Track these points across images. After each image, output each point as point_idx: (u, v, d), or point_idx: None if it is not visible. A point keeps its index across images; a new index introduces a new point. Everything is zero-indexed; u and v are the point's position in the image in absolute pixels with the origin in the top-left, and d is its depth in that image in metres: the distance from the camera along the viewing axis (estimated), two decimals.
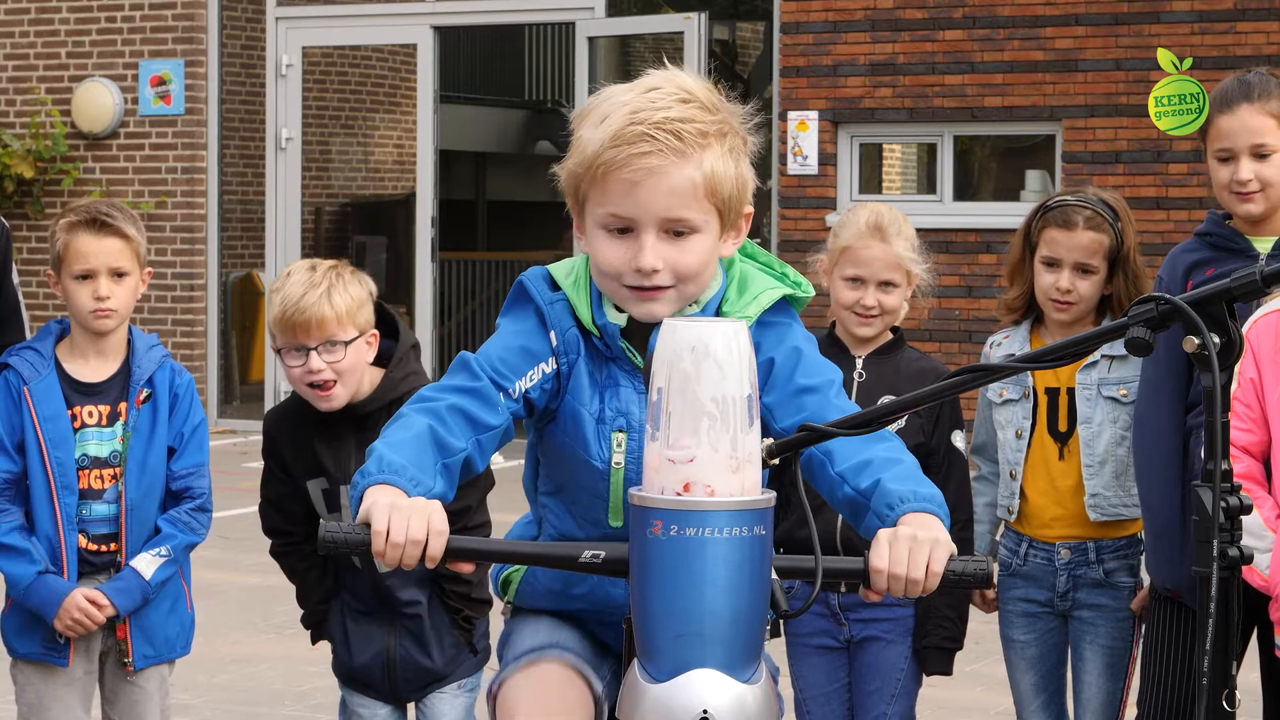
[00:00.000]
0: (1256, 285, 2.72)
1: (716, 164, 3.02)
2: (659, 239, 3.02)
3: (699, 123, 3.01)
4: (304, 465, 4.59)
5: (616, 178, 3.01)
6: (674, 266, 3.03)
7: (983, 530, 4.93)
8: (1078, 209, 4.80)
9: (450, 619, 4.64)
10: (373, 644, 4.67)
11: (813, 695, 4.83)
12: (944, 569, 2.79)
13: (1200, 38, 12.45)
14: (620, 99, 3.05)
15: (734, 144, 3.06)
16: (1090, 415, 4.75)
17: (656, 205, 3.01)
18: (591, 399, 3.11)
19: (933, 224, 12.84)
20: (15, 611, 4.82)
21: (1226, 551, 2.69)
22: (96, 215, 4.78)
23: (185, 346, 15.26)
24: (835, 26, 13.47)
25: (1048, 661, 4.88)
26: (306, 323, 4.46)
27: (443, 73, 15.60)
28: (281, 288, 4.51)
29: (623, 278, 3.05)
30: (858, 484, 2.95)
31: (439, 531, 2.81)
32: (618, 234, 3.05)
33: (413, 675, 4.68)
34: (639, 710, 2.71)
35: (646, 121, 2.99)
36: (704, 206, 3.03)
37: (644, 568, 2.69)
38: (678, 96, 3.03)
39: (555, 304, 3.13)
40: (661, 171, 2.99)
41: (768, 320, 3.13)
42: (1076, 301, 4.77)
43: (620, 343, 3.10)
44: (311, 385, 4.49)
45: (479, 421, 3.02)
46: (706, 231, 3.05)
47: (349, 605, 4.70)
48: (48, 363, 4.77)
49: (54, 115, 15.42)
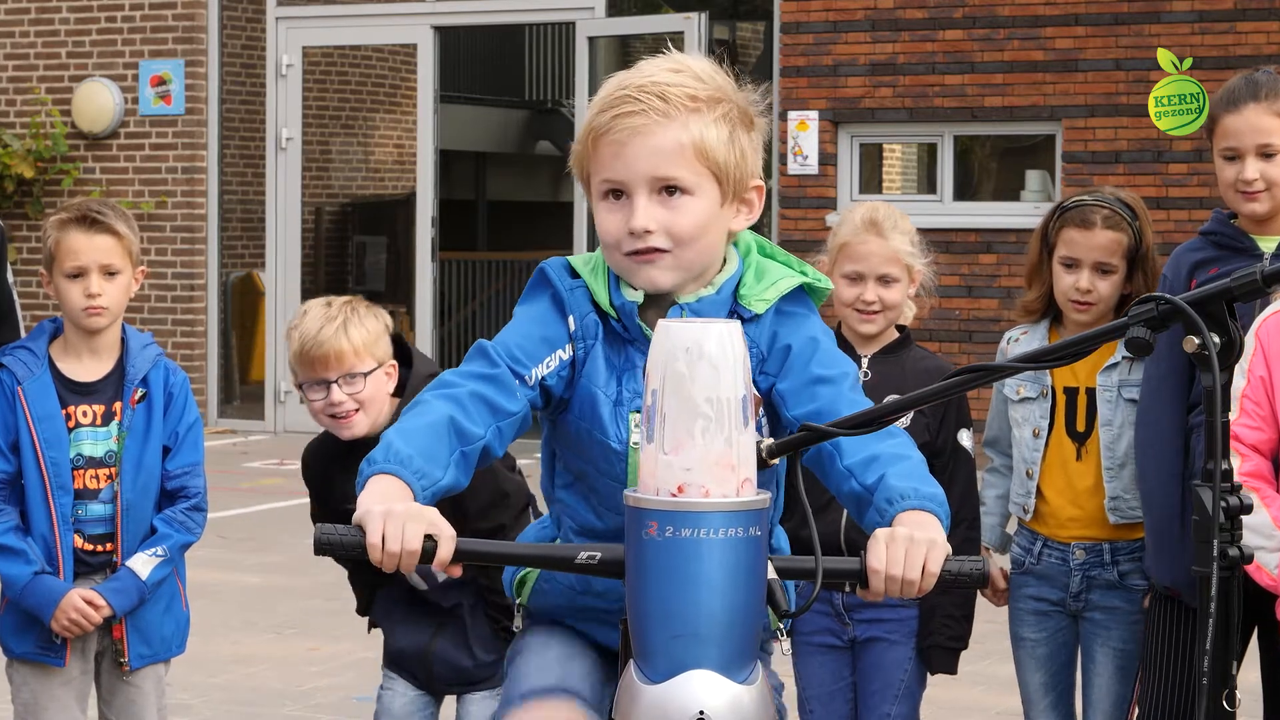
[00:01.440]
0: (1257, 285, 2.72)
1: (707, 129, 3.04)
2: (650, 200, 3.04)
3: (687, 88, 3.04)
4: (336, 495, 4.67)
5: (606, 142, 3.05)
6: (667, 228, 3.04)
7: (994, 522, 4.92)
8: (1096, 208, 4.78)
9: (491, 628, 4.68)
10: (416, 634, 4.75)
11: (816, 694, 4.83)
12: (940, 570, 2.79)
13: (1200, 38, 12.45)
14: (615, 76, 3.11)
15: (727, 111, 3.07)
16: (1111, 418, 4.72)
17: (643, 165, 3.03)
18: (608, 382, 3.10)
19: (933, 224, 12.83)
20: (11, 611, 4.81)
21: (1226, 551, 2.69)
22: (87, 213, 4.77)
23: (185, 346, 15.26)
24: (835, 26, 13.47)
25: (1057, 661, 4.86)
26: (325, 356, 4.55)
27: (443, 73, 15.60)
28: (299, 324, 4.61)
29: (621, 244, 3.06)
30: (864, 479, 2.95)
31: (445, 538, 2.79)
32: (613, 200, 3.08)
33: (449, 672, 4.74)
34: (635, 711, 2.71)
35: (631, 85, 3.04)
36: (695, 168, 3.04)
37: (640, 569, 2.69)
38: (668, 66, 3.08)
39: (575, 290, 3.13)
40: (646, 130, 3.02)
41: (786, 309, 3.14)
42: (1096, 302, 4.74)
43: (637, 320, 3.09)
44: (333, 416, 4.58)
45: (499, 408, 3.02)
46: (700, 195, 3.05)
47: (399, 596, 4.77)
48: (41, 362, 4.76)
49: (54, 115, 15.42)
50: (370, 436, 4.58)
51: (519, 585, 3.28)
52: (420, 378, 4.67)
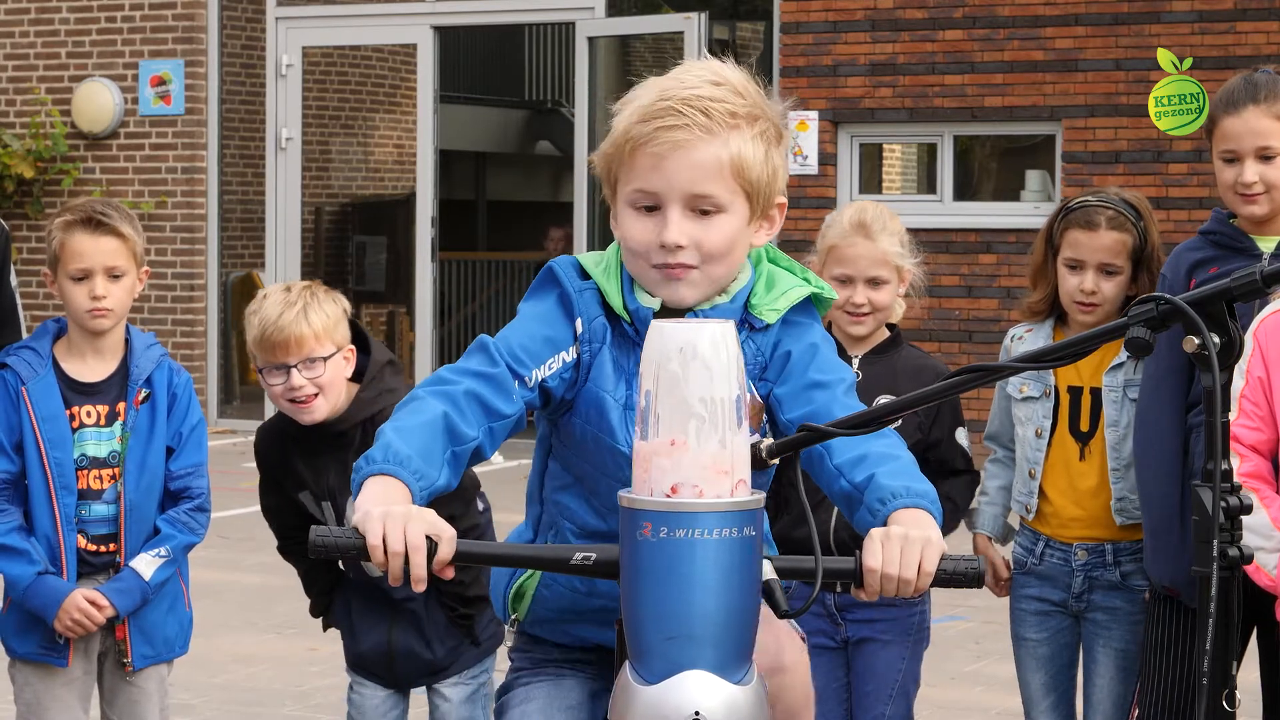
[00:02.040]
0: (1256, 285, 2.72)
1: (744, 146, 3.03)
2: (684, 215, 3.03)
3: (729, 104, 3.02)
4: (291, 480, 4.71)
5: (644, 152, 3.02)
6: (699, 244, 3.03)
7: (996, 512, 4.91)
8: (1100, 209, 4.77)
9: (446, 616, 4.70)
10: (374, 633, 4.77)
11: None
12: (936, 568, 2.80)
13: (1200, 38, 12.45)
14: (654, 82, 3.08)
15: (764, 129, 3.06)
16: (1117, 418, 4.71)
17: (682, 179, 3.01)
18: (617, 385, 3.09)
19: (933, 224, 12.84)
20: (14, 611, 4.81)
21: (1226, 551, 2.69)
22: (92, 214, 4.77)
23: (185, 346, 15.26)
24: (835, 26, 13.47)
25: (1059, 661, 4.86)
26: (285, 341, 4.57)
27: (443, 73, 15.60)
28: (259, 309, 4.63)
29: (650, 255, 3.04)
30: (853, 478, 2.95)
31: (446, 539, 2.78)
32: (645, 211, 3.05)
33: (412, 666, 4.78)
34: (630, 712, 2.70)
35: (675, 97, 3.01)
36: (730, 186, 3.03)
37: (634, 570, 2.69)
38: (709, 79, 3.05)
39: (584, 292, 3.12)
40: (688, 145, 3.00)
41: (791, 319, 3.13)
42: (1101, 303, 4.73)
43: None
44: (292, 400, 4.59)
45: (493, 409, 3.00)
46: (733, 212, 3.04)
47: (353, 596, 4.79)
48: (45, 362, 4.76)
49: (54, 115, 15.42)
50: (328, 421, 4.60)
51: (515, 600, 3.24)
52: (378, 365, 4.70)
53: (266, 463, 4.77)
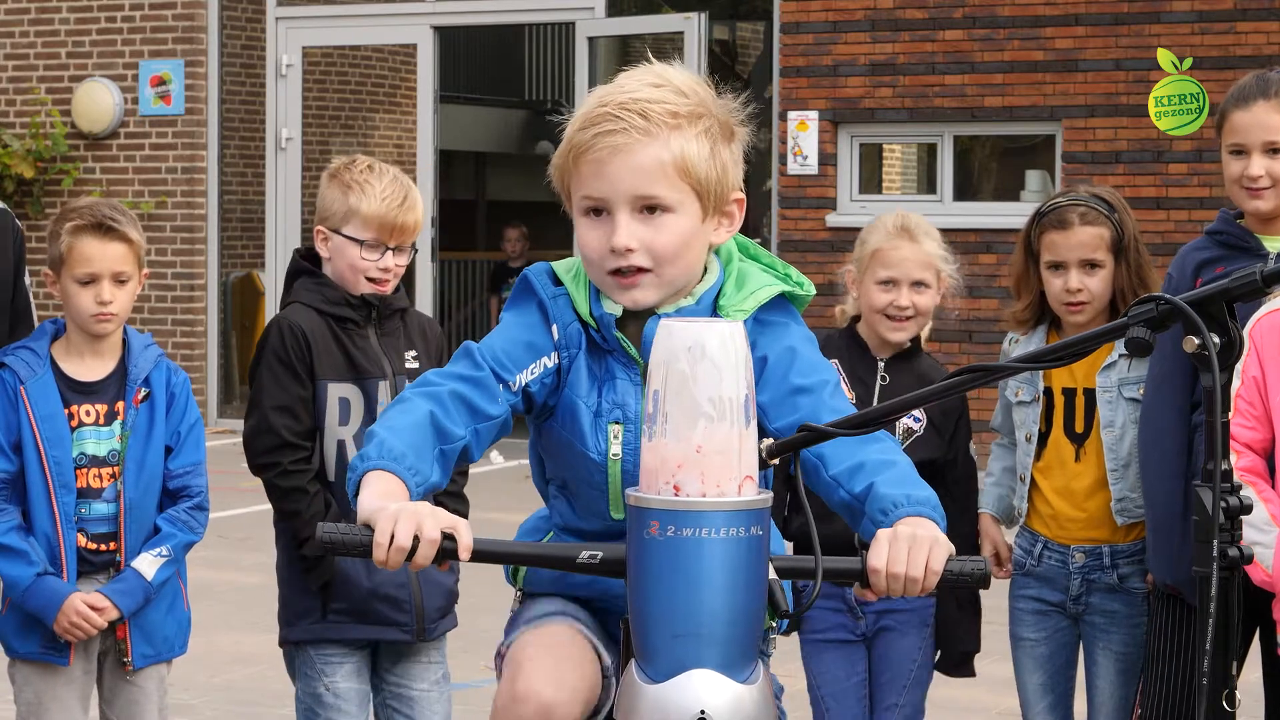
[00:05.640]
0: (1256, 285, 2.72)
1: (688, 145, 3.04)
2: (632, 219, 3.04)
3: (669, 104, 3.04)
4: (332, 366, 4.64)
5: (586, 159, 3.05)
6: (649, 246, 3.04)
7: (1001, 493, 4.91)
8: (1071, 208, 4.80)
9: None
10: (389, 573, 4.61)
11: (830, 691, 4.82)
12: (943, 568, 2.79)
13: (1200, 38, 12.46)
14: (596, 90, 3.11)
15: (709, 127, 3.06)
16: (1113, 418, 4.72)
17: (625, 183, 3.03)
18: (589, 392, 3.11)
19: (933, 224, 12.83)
20: (14, 611, 4.81)
21: (1226, 551, 2.69)
22: (102, 220, 4.77)
23: (185, 346, 15.26)
24: (835, 26, 13.47)
25: (1057, 661, 4.86)
26: (405, 225, 4.66)
27: (443, 73, 15.60)
28: (374, 183, 4.64)
29: (604, 262, 3.06)
30: (852, 488, 2.95)
31: (462, 531, 2.79)
32: (594, 217, 3.08)
33: (434, 593, 4.69)
34: (637, 711, 2.71)
35: (612, 102, 3.04)
36: (677, 186, 3.04)
37: (641, 568, 2.69)
38: (649, 81, 3.07)
39: (558, 298, 3.14)
40: (627, 149, 3.02)
41: (765, 319, 3.13)
42: (1089, 300, 4.74)
43: (614, 332, 3.10)
44: (375, 281, 4.66)
45: (479, 410, 3.03)
46: (682, 212, 3.05)
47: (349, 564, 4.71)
48: (43, 362, 4.77)
49: (54, 115, 15.42)
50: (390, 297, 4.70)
51: (515, 570, 3.28)
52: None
53: (307, 343, 4.62)
